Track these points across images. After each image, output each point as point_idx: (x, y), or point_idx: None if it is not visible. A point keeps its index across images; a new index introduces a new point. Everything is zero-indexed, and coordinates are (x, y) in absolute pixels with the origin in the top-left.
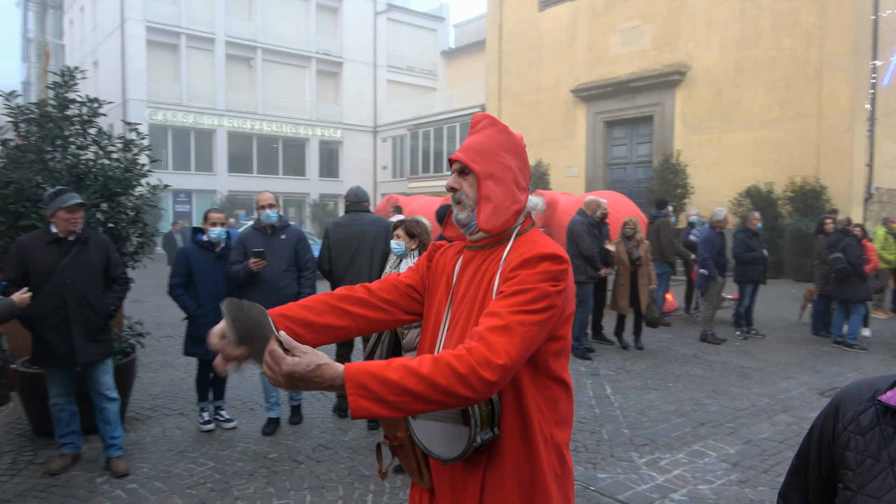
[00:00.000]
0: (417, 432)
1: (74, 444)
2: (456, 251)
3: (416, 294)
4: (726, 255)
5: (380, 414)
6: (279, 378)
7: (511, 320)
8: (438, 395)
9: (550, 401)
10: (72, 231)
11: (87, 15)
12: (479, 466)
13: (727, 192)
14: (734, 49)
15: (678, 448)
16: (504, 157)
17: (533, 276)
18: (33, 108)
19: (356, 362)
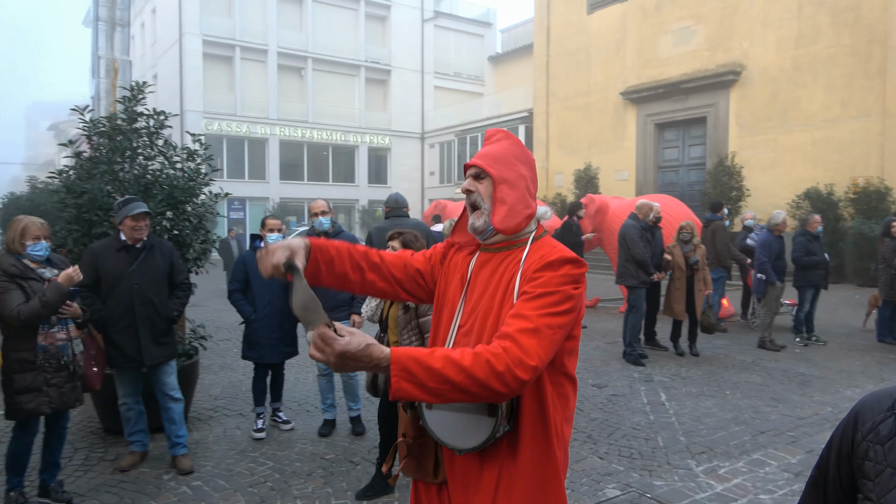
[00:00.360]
0: (431, 423)
1: (142, 443)
2: (469, 252)
3: (422, 280)
4: (785, 260)
5: (417, 397)
6: (331, 358)
7: (539, 323)
8: (475, 387)
9: (563, 397)
10: (138, 238)
11: (147, 31)
12: (496, 459)
13: (785, 194)
14: (791, 47)
15: (737, 457)
16: (518, 166)
17: (556, 278)
18: (104, 122)
19: (402, 347)
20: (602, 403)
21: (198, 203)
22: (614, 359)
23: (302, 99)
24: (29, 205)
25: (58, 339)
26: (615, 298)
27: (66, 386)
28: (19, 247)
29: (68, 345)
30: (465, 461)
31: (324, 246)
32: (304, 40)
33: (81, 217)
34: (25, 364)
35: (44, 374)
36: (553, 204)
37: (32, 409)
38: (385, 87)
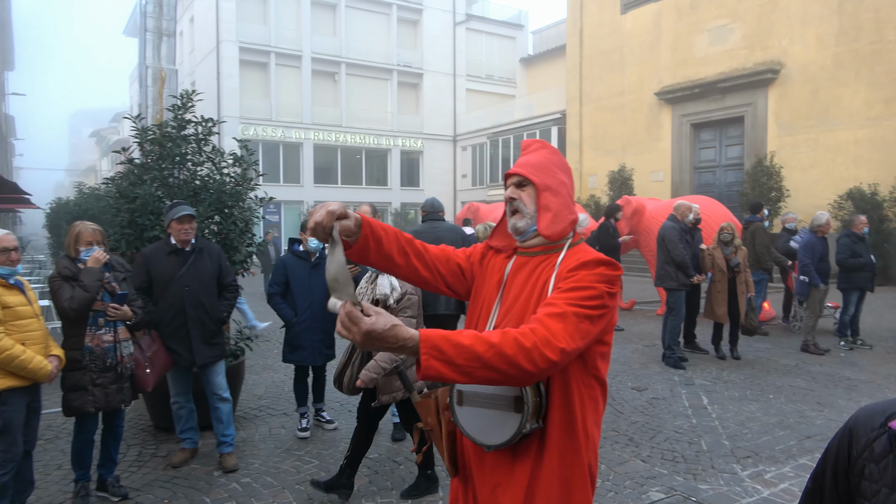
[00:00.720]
0: (462, 419)
1: (192, 440)
2: (506, 255)
3: (462, 277)
4: (829, 262)
5: (446, 376)
6: (357, 337)
7: (567, 309)
8: (503, 364)
9: (593, 400)
10: (186, 241)
11: (185, 39)
12: (528, 457)
13: (826, 194)
14: (832, 44)
15: (784, 461)
16: (558, 174)
17: (591, 276)
18: (155, 129)
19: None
20: (643, 406)
21: (244, 207)
22: (653, 362)
23: (336, 103)
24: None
25: (104, 341)
26: (652, 301)
27: (112, 387)
28: (73, 251)
29: (115, 347)
30: (496, 459)
31: (374, 224)
32: (337, 45)
33: (134, 221)
34: (74, 363)
35: (90, 374)
36: (587, 206)
37: (78, 407)
38: (417, 91)
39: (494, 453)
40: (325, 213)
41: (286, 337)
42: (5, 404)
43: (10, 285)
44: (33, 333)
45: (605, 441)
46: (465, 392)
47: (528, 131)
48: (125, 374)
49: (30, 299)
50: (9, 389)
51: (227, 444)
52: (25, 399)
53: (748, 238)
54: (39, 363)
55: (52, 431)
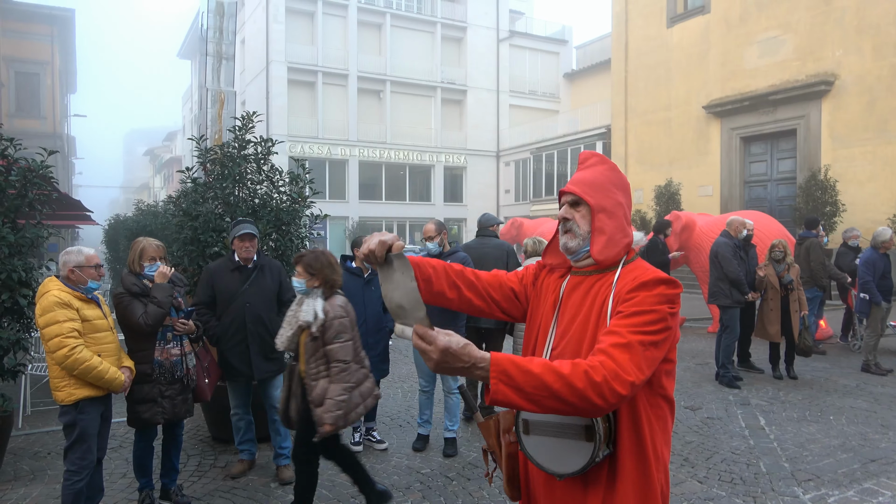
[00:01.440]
0: (530, 448)
1: (250, 451)
2: (559, 275)
3: (517, 300)
4: (891, 279)
5: (514, 402)
6: (434, 354)
7: (632, 339)
8: (572, 396)
9: (661, 420)
10: (248, 258)
11: (237, 60)
12: (599, 484)
13: (885, 208)
14: (890, 54)
15: (847, 485)
16: (615, 194)
17: (651, 297)
18: (217, 150)
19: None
20: (697, 426)
21: (300, 224)
22: (706, 380)
23: (380, 120)
24: (135, 226)
25: (172, 354)
26: (703, 318)
27: (179, 398)
28: (138, 267)
29: (182, 360)
30: (567, 487)
31: (422, 263)
32: (382, 64)
33: (197, 238)
34: (143, 376)
35: (159, 386)
36: (633, 221)
37: (148, 419)
38: (461, 107)
39: (565, 481)
40: (376, 243)
41: None
42: (82, 413)
43: (88, 299)
44: (108, 346)
45: None
46: (531, 421)
47: (572, 146)
48: (191, 385)
49: (105, 313)
50: (86, 399)
51: (284, 457)
52: (100, 409)
53: (802, 254)
54: (115, 374)
55: (116, 441)
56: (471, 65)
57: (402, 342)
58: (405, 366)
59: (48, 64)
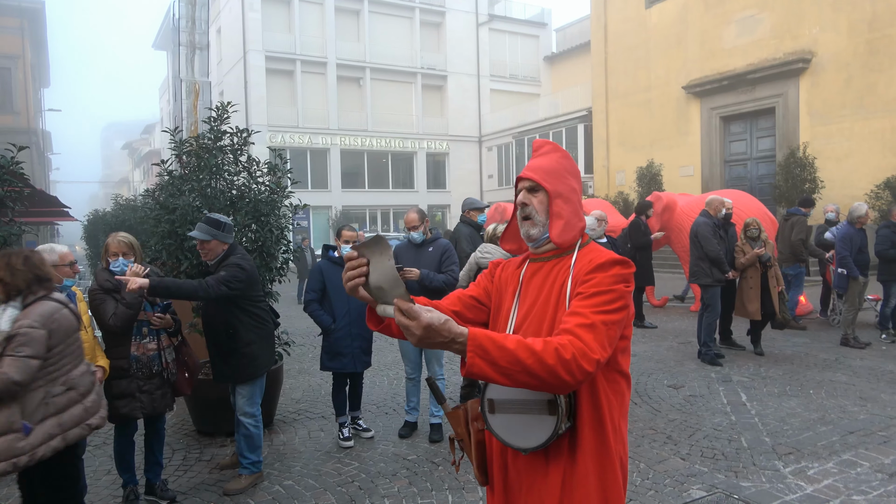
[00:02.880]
0: (495, 426)
1: None
2: (516, 265)
3: (480, 304)
4: (868, 253)
5: (489, 375)
6: (416, 330)
7: (595, 319)
8: (543, 372)
9: (619, 395)
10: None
11: (212, 50)
12: (561, 456)
13: (862, 184)
14: (865, 31)
15: (826, 457)
16: (570, 180)
17: (608, 278)
18: (192, 142)
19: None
20: (680, 404)
21: (279, 215)
22: (689, 359)
23: (361, 108)
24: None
25: (149, 349)
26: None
27: (157, 392)
28: (105, 263)
29: (159, 354)
30: (530, 462)
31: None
32: (361, 51)
33: (174, 231)
34: (121, 371)
35: (137, 381)
36: (615, 202)
37: (126, 414)
38: (442, 93)
39: (528, 456)
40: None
41: (325, 344)
42: None
43: None
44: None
45: (643, 439)
46: (496, 400)
47: (553, 129)
48: (171, 379)
49: (80, 311)
50: None
51: (242, 466)
52: None
53: (787, 230)
54: None
55: (100, 437)
56: (450, 50)
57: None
58: (391, 353)
59: (19, 58)
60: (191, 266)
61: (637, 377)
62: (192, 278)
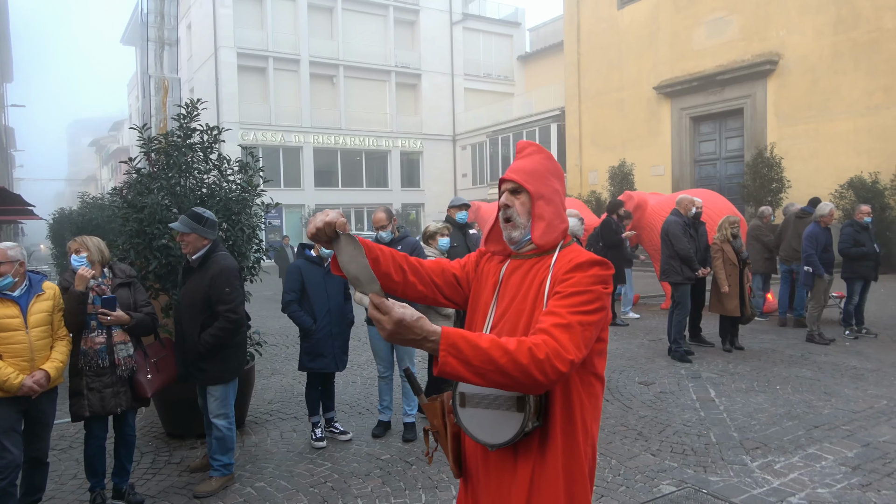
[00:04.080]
0: (465, 420)
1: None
2: (499, 260)
3: (459, 287)
4: (833, 252)
5: (462, 375)
6: (388, 325)
7: (571, 320)
8: (517, 371)
9: (592, 397)
10: (188, 254)
11: (183, 46)
12: (529, 454)
13: (827, 184)
14: (830, 33)
15: (792, 451)
16: (552, 181)
17: (586, 278)
18: (161, 139)
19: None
20: (651, 401)
21: (250, 213)
22: (660, 356)
23: (334, 106)
24: (80, 220)
25: (96, 342)
26: (656, 295)
27: (107, 391)
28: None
29: (107, 348)
30: (499, 458)
31: (370, 244)
32: (334, 48)
33: (143, 230)
34: (74, 369)
35: (85, 378)
36: (588, 202)
37: (75, 412)
38: (416, 91)
39: (497, 452)
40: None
41: (305, 345)
42: None
43: (2, 298)
44: (15, 346)
45: (615, 436)
46: (467, 394)
47: (527, 129)
48: (122, 376)
49: (25, 312)
50: None
51: (213, 468)
52: (13, 407)
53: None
54: (4, 376)
55: (66, 441)
56: (424, 48)
57: (362, 332)
58: (364, 353)
59: None
60: (160, 266)
61: (609, 374)
62: (161, 278)
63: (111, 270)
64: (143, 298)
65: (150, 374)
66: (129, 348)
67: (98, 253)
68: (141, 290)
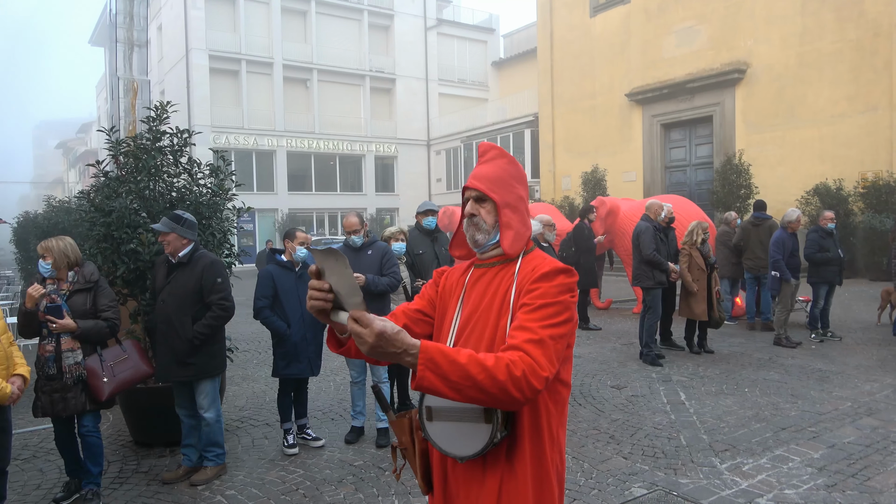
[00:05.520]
0: (432, 434)
1: (189, 458)
2: (461, 272)
3: (426, 317)
4: (799, 257)
5: (439, 390)
6: (369, 338)
7: (543, 335)
8: (494, 388)
9: (559, 404)
10: (170, 253)
11: (153, 48)
12: (498, 465)
13: (794, 190)
14: (796, 44)
15: (760, 453)
16: (517, 188)
17: (553, 288)
18: (129, 142)
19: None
20: (622, 404)
21: (221, 218)
22: (631, 360)
23: (308, 110)
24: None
25: (47, 350)
26: (628, 300)
27: (56, 395)
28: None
29: (55, 357)
30: (468, 470)
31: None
32: (308, 52)
33: (110, 235)
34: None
35: (40, 381)
36: (561, 207)
37: (33, 410)
38: (390, 96)
39: (465, 464)
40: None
41: (280, 351)
42: None
43: None
44: None
45: (587, 440)
46: (434, 408)
47: (501, 134)
48: (68, 384)
49: None
50: None
51: (208, 459)
52: None
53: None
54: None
55: (29, 451)
56: (399, 53)
57: None
58: (336, 359)
59: None
60: (127, 271)
61: (581, 378)
62: (129, 283)
63: (78, 274)
64: (105, 303)
65: (105, 378)
66: (77, 356)
67: (63, 258)
68: (105, 295)
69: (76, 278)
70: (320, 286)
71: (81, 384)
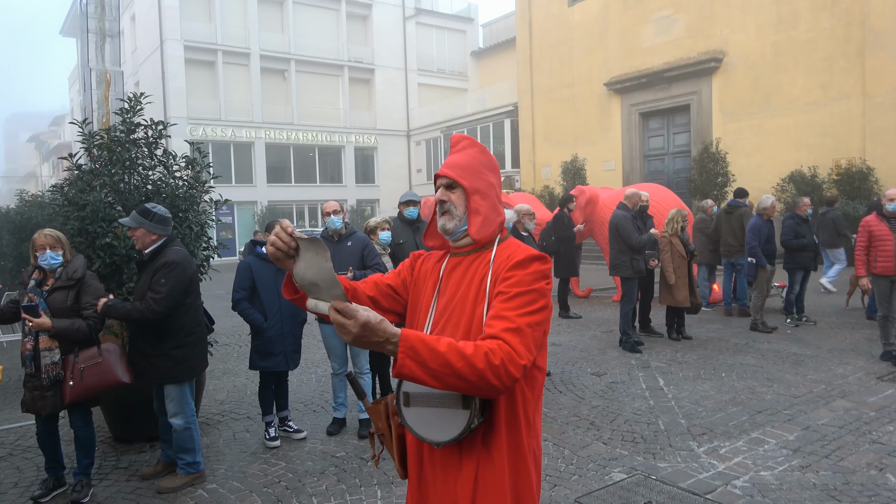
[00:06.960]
0: (409, 420)
1: (166, 452)
2: (437, 259)
3: (396, 294)
4: (775, 243)
5: (419, 377)
6: (353, 328)
7: (520, 323)
8: (473, 376)
9: (536, 389)
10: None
11: (127, 38)
12: (474, 450)
13: (770, 178)
14: (772, 32)
15: (737, 436)
16: (487, 175)
17: (528, 276)
18: (102, 134)
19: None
20: (602, 391)
21: (198, 210)
22: (611, 347)
23: (286, 101)
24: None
25: (26, 348)
26: (608, 288)
27: (36, 392)
28: (34, 259)
29: (32, 355)
30: (445, 455)
31: None
32: (286, 42)
33: (85, 229)
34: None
35: (25, 377)
36: (541, 196)
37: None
38: (369, 87)
39: (442, 450)
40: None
41: (256, 343)
42: None
43: None
44: None
45: (568, 426)
46: (411, 393)
47: (481, 124)
48: (44, 383)
49: None
50: None
51: (179, 466)
52: None
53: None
54: None
55: (6, 448)
56: (377, 43)
57: (315, 330)
58: (317, 351)
59: None
60: (103, 265)
61: (562, 366)
62: (105, 278)
63: (63, 270)
64: (88, 301)
65: (72, 381)
66: (54, 355)
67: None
68: (89, 292)
69: (61, 274)
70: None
71: (59, 384)
